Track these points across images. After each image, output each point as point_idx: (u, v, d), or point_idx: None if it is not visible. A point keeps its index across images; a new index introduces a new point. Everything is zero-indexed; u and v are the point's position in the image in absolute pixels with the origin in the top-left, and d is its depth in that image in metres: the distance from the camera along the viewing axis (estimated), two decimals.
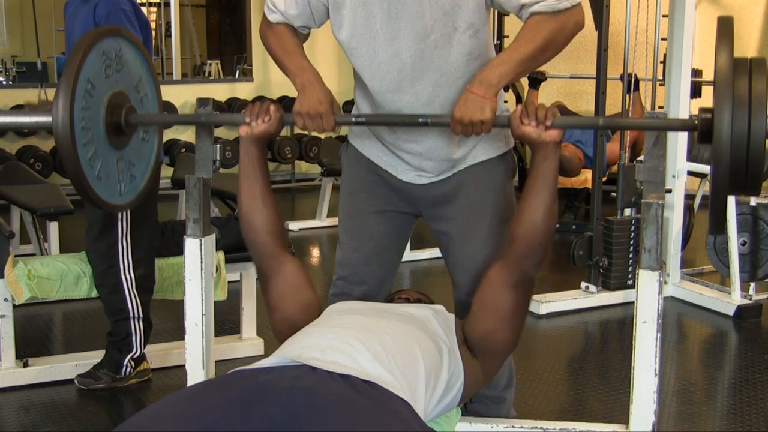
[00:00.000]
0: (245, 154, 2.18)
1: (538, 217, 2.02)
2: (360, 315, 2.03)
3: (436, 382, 1.91)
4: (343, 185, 2.45)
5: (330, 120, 2.12)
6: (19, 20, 9.51)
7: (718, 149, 1.63)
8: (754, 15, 7.35)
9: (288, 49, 2.20)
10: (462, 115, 2.01)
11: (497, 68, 2.03)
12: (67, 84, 1.95)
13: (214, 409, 1.55)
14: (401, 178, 2.31)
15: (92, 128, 2.05)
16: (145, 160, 2.32)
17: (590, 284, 4.35)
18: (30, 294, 3.18)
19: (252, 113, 2.13)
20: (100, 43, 2.09)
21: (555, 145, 1.99)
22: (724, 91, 1.65)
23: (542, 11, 2.02)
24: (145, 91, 2.31)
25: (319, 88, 2.13)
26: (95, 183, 2.06)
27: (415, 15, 2.05)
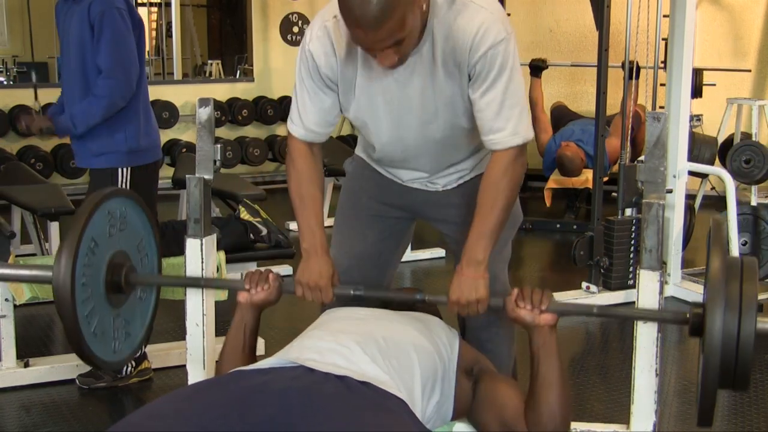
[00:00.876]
0: (240, 320, 2.18)
1: (553, 406, 1.95)
2: (359, 320, 2.04)
3: (433, 387, 1.91)
4: (344, 188, 2.48)
5: (329, 294, 2.16)
6: (20, 20, 9.52)
7: (709, 346, 1.70)
8: (755, 15, 7.35)
9: (305, 203, 2.21)
10: (458, 297, 2.06)
11: (478, 244, 2.07)
12: (71, 241, 1.96)
13: (212, 408, 1.56)
14: (409, 186, 2.36)
15: (92, 286, 2.07)
16: (140, 318, 2.32)
17: (591, 284, 4.35)
18: (31, 294, 3.18)
19: (252, 281, 2.16)
20: (108, 202, 2.12)
21: (550, 329, 1.99)
22: (716, 291, 1.71)
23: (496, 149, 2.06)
24: (146, 252, 2.33)
25: (323, 260, 2.17)
26: (91, 340, 2.06)
27: (417, 106, 2.09)
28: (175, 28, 9.17)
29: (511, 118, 2.02)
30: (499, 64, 1.98)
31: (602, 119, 4.44)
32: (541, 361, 1.97)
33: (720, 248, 1.79)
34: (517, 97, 2.04)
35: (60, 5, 3.16)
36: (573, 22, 7.59)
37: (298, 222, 2.22)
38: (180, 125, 7.52)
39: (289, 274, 4.55)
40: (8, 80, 8.75)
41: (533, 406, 1.96)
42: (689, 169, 4.55)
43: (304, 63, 2.11)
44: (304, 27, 7.94)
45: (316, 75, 2.10)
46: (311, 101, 2.14)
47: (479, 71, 1.99)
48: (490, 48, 1.96)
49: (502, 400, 2.00)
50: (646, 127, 2.14)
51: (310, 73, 2.10)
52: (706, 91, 6.20)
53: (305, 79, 2.12)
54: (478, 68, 1.99)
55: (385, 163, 2.32)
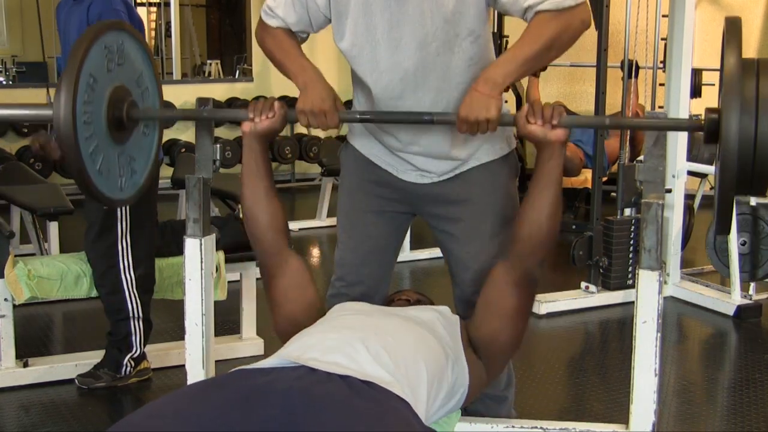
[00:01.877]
0: (248, 151, 2.16)
1: (542, 216, 2.02)
2: (363, 316, 2.03)
3: (440, 386, 1.91)
4: (341, 184, 2.45)
5: (334, 117, 2.12)
6: (19, 20, 9.51)
7: (725, 149, 1.64)
8: (755, 15, 7.36)
9: (287, 50, 2.19)
10: (468, 113, 2.01)
11: (502, 67, 2.02)
12: (69, 78, 1.94)
13: (213, 408, 1.55)
14: (403, 178, 2.31)
15: (94, 123, 2.05)
16: (145, 154, 2.31)
17: (590, 284, 4.35)
18: (30, 294, 3.18)
19: (256, 109, 2.12)
20: (103, 37, 2.08)
21: (560, 145, 1.99)
22: (732, 91, 1.65)
23: (547, 9, 2.01)
24: (146, 86, 2.31)
25: (322, 85, 2.13)
26: (96, 178, 2.06)
27: (416, 24, 2.06)
28: (174, 28, 9.17)
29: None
30: None
31: None
32: (542, 177, 2.01)
33: (735, 47, 1.72)
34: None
35: (61, 6, 3.18)
36: None
37: (285, 67, 2.19)
38: (179, 125, 7.52)
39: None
40: (7, 80, 8.75)
41: (523, 216, 2.02)
42: (688, 168, 4.55)
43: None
44: None
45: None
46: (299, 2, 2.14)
47: None
48: None
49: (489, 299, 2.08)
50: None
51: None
52: (706, 90, 6.20)
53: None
54: None
55: (379, 102, 2.21)
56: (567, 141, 2.01)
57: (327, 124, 2.13)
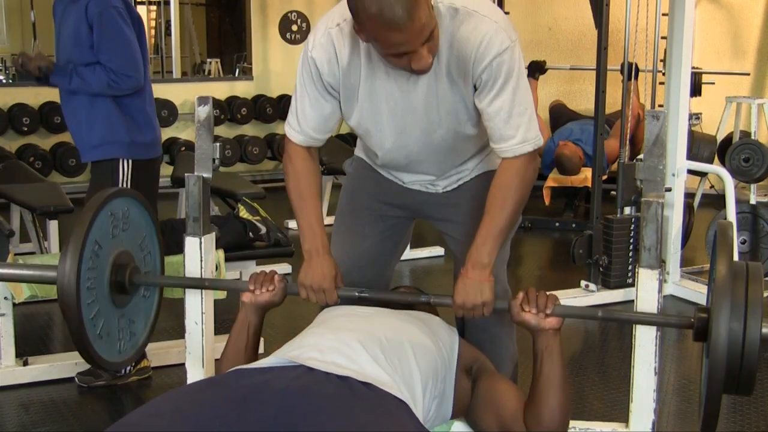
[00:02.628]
0: (242, 321, 2.20)
1: (554, 407, 1.96)
2: (359, 317, 2.04)
3: (434, 387, 1.91)
4: (344, 188, 2.47)
5: (333, 296, 2.16)
6: (19, 19, 9.50)
7: (714, 352, 1.69)
8: (755, 14, 7.35)
9: (304, 202, 2.21)
10: (463, 300, 2.06)
11: (484, 247, 2.06)
12: (75, 246, 1.96)
13: (211, 407, 1.55)
14: (409, 188, 2.36)
15: (97, 288, 2.07)
16: (144, 317, 2.33)
17: (590, 282, 4.35)
18: (30, 292, 3.18)
19: (257, 282, 2.16)
20: (110, 204, 2.12)
21: (554, 332, 1.99)
22: (722, 295, 1.71)
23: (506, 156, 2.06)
24: (149, 249, 2.33)
25: (325, 260, 2.16)
26: (97, 342, 2.07)
27: (420, 114, 2.09)
28: (174, 27, 9.16)
29: (520, 125, 2.03)
30: (505, 72, 1.98)
31: (601, 118, 4.44)
32: (544, 363, 1.98)
33: (726, 252, 1.79)
34: (525, 103, 2.04)
35: (57, 3, 3.17)
36: (572, 21, 7.59)
37: (298, 221, 2.21)
38: (179, 124, 7.52)
39: (288, 273, 4.56)
40: (7, 79, 8.73)
41: (534, 407, 1.96)
42: (688, 167, 4.55)
43: (306, 69, 2.10)
44: (304, 25, 7.97)
45: (318, 82, 2.09)
46: (311, 107, 2.13)
47: (485, 81, 1.99)
48: (495, 57, 1.96)
49: (501, 400, 2.01)
50: (645, 125, 2.14)
51: (313, 79, 2.09)
52: (705, 89, 6.20)
53: (307, 86, 2.12)
54: (484, 78, 1.99)
55: (388, 167, 2.33)
56: (560, 328, 2.00)
57: (325, 302, 2.17)
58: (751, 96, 6.67)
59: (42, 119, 6.99)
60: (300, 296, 2.17)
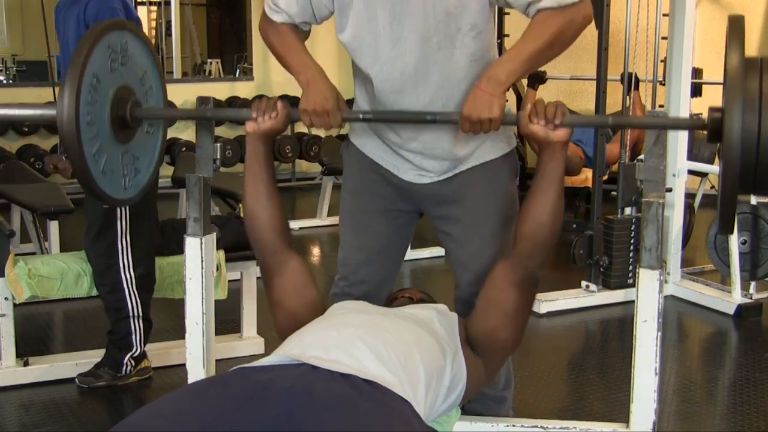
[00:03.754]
0: (251, 151, 2.16)
1: (543, 216, 2.01)
2: (363, 314, 2.03)
3: (439, 384, 1.90)
4: (344, 184, 2.44)
5: (337, 117, 2.11)
6: (19, 19, 9.51)
7: (728, 148, 1.63)
8: (755, 14, 7.36)
9: (290, 46, 2.19)
10: (471, 112, 2.00)
11: (505, 65, 2.02)
12: (72, 79, 1.93)
13: (214, 407, 1.55)
14: (403, 177, 2.30)
15: (97, 123, 2.04)
16: (149, 153, 2.31)
17: (591, 283, 4.35)
18: (30, 293, 3.18)
19: (259, 109, 2.12)
20: (106, 36, 2.07)
21: (562, 145, 1.99)
22: (735, 90, 1.64)
23: (550, 6, 2.01)
24: (150, 84, 2.30)
25: (324, 84, 2.12)
26: (100, 178, 2.05)
27: (418, 17, 2.04)
28: (175, 27, 9.16)
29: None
30: None
31: None
32: (544, 178, 2.01)
33: (738, 45, 1.71)
34: None
35: (59, 6, 3.18)
36: None
37: (287, 62, 2.18)
38: (179, 124, 7.52)
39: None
40: (8, 79, 8.74)
41: (524, 215, 2.02)
42: (689, 167, 4.55)
43: None
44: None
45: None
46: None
47: None
48: None
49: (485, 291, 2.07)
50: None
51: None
52: (706, 90, 6.20)
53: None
54: None
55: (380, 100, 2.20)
56: (569, 141, 2.01)
57: (330, 124, 2.12)
58: None
59: None
60: (303, 122, 2.14)
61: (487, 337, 2.07)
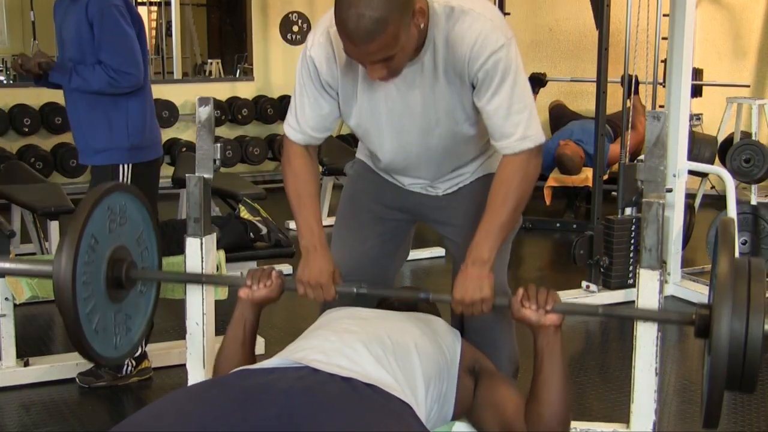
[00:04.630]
0: (239, 316, 2.17)
1: (555, 406, 1.95)
2: (363, 319, 2.03)
3: (436, 388, 1.91)
4: (345, 190, 2.47)
5: (331, 291, 2.14)
6: (20, 19, 9.51)
7: (716, 349, 1.68)
8: (755, 15, 7.35)
9: (302, 201, 2.20)
10: (462, 296, 2.04)
11: (484, 243, 2.05)
12: (71, 239, 1.95)
13: (214, 408, 1.55)
14: (410, 190, 2.36)
15: (93, 283, 2.05)
16: (141, 312, 2.31)
17: (591, 283, 4.35)
18: (31, 293, 3.18)
19: (254, 277, 2.15)
20: (107, 198, 2.10)
21: (555, 329, 1.98)
22: (724, 293, 1.70)
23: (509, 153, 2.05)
24: (146, 245, 2.32)
25: (322, 258, 2.15)
26: (92, 337, 2.05)
27: (418, 115, 2.09)
28: (175, 28, 9.16)
29: (519, 123, 2.02)
30: (501, 71, 1.98)
31: (602, 118, 4.44)
32: (544, 361, 1.97)
33: (728, 249, 1.79)
34: (524, 100, 2.03)
35: (58, 4, 3.17)
36: (573, 21, 7.59)
37: (296, 220, 2.21)
38: (180, 124, 7.52)
39: (289, 273, 4.56)
40: (8, 79, 8.74)
41: (534, 406, 1.95)
42: (689, 168, 4.55)
43: (305, 68, 2.10)
44: (304, 26, 7.96)
45: (316, 81, 2.10)
46: (310, 107, 2.14)
47: (482, 79, 1.99)
48: (490, 56, 1.96)
49: (502, 400, 2.00)
50: (646, 126, 2.14)
51: (311, 78, 2.10)
52: (706, 90, 6.20)
53: (306, 85, 2.12)
54: (480, 77, 1.99)
55: (387, 170, 2.33)
56: (560, 325, 1.99)
57: (323, 297, 2.15)
58: (752, 97, 6.68)
59: (43, 120, 6.99)
60: (298, 293, 2.16)
61: None
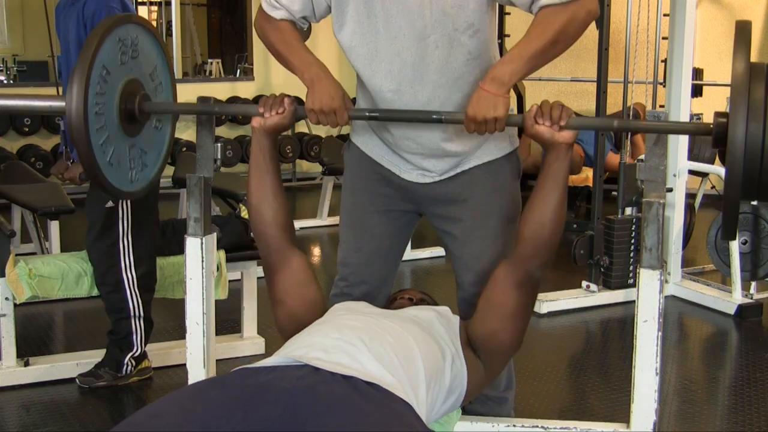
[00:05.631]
0: (257, 146, 2.17)
1: (545, 218, 2.02)
2: (364, 316, 2.03)
3: (439, 385, 1.91)
4: (345, 184, 2.43)
5: (344, 115, 2.11)
6: (20, 19, 9.51)
7: (732, 154, 1.64)
8: (755, 14, 7.35)
9: (290, 44, 2.17)
10: (475, 113, 1.99)
11: (509, 65, 2.00)
12: (82, 69, 1.94)
13: (215, 407, 1.55)
14: (405, 177, 2.29)
15: (106, 114, 2.05)
16: (157, 148, 2.32)
17: (591, 283, 4.35)
18: (31, 293, 3.18)
19: (266, 105, 2.13)
20: (118, 29, 2.08)
21: (567, 147, 1.98)
22: (740, 96, 1.65)
23: (552, 3, 2.00)
24: (160, 80, 2.30)
25: (329, 82, 2.11)
26: (107, 169, 2.06)
27: (415, 15, 2.04)
28: (175, 27, 9.16)
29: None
30: None
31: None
32: (548, 178, 2.01)
33: (744, 51, 1.72)
34: None
35: (59, 7, 3.18)
36: None
37: (289, 62, 2.17)
38: (180, 124, 7.48)
39: None
40: (8, 79, 8.74)
41: (527, 216, 2.02)
42: (689, 167, 4.55)
43: None
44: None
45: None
46: None
47: None
48: None
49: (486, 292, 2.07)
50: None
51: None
52: (706, 90, 6.20)
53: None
54: None
55: (379, 100, 2.19)
56: (574, 142, 2.00)
57: (337, 122, 2.12)
58: None
59: (43, 120, 6.99)
60: (310, 121, 2.14)
61: (488, 339, 2.07)
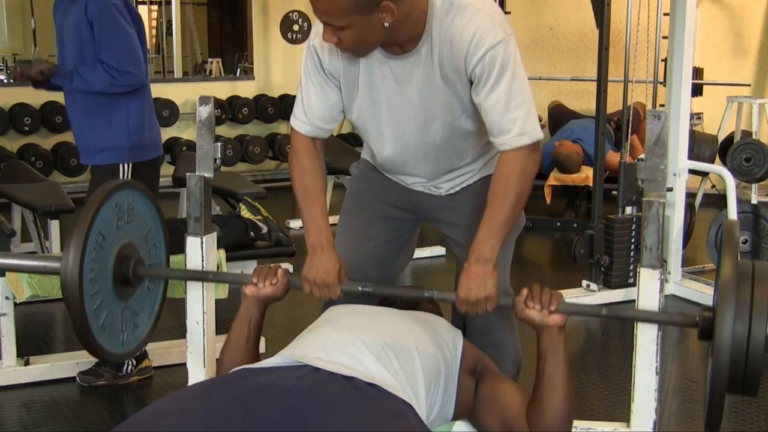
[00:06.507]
0: (245, 313, 2.17)
1: (557, 406, 1.95)
2: (365, 317, 2.03)
3: (437, 387, 1.91)
4: (349, 189, 2.48)
5: (336, 290, 2.13)
6: (20, 18, 9.51)
7: (718, 350, 1.69)
8: (756, 14, 7.34)
9: (309, 197, 2.20)
10: (467, 295, 2.04)
11: (488, 242, 2.04)
12: (79, 236, 1.95)
13: (216, 407, 1.55)
14: (413, 189, 2.36)
15: (100, 280, 2.06)
16: (148, 309, 2.32)
17: (591, 282, 4.35)
18: (31, 292, 3.18)
19: (260, 275, 2.15)
20: (114, 195, 2.11)
21: (559, 329, 1.98)
22: (727, 295, 1.70)
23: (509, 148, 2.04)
24: (154, 242, 2.32)
25: (329, 256, 2.14)
26: (99, 333, 2.06)
27: (416, 107, 2.10)
28: (176, 27, 9.15)
29: (517, 118, 2.02)
30: (499, 66, 1.98)
31: (603, 117, 4.44)
32: (547, 362, 1.97)
33: (732, 252, 1.78)
34: (522, 96, 2.02)
35: (57, 5, 3.17)
36: (573, 21, 7.58)
37: (303, 216, 2.21)
38: (180, 123, 7.52)
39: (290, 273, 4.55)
40: (8, 78, 8.74)
41: (537, 406, 1.95)
42: (689, 167, 4.54)
43: (309, 58, 2.13)
44: (305, 25, 7.95)
45: (320, 69, 2.13)
46: (317, 96, 2.16)
47: (479, 75, 2.00)
48: (487, 51, 1.96)
49: (504, 401, 2.00)
50: (647, 125, 2.14)
51: (316, 67, 2.13)
52: (707, 89, 6.20)
53: (311, 74, 2.14)
54: (478, 72, 1.99)
55: (387, 167, 2.33)
56: (564, 326, 1.99)
57: (329, 296, 2.15)
58: (753, 96, 6.67)
59: (43, 119, 6.99)
60: (303, 291, 2.16)
61: None
